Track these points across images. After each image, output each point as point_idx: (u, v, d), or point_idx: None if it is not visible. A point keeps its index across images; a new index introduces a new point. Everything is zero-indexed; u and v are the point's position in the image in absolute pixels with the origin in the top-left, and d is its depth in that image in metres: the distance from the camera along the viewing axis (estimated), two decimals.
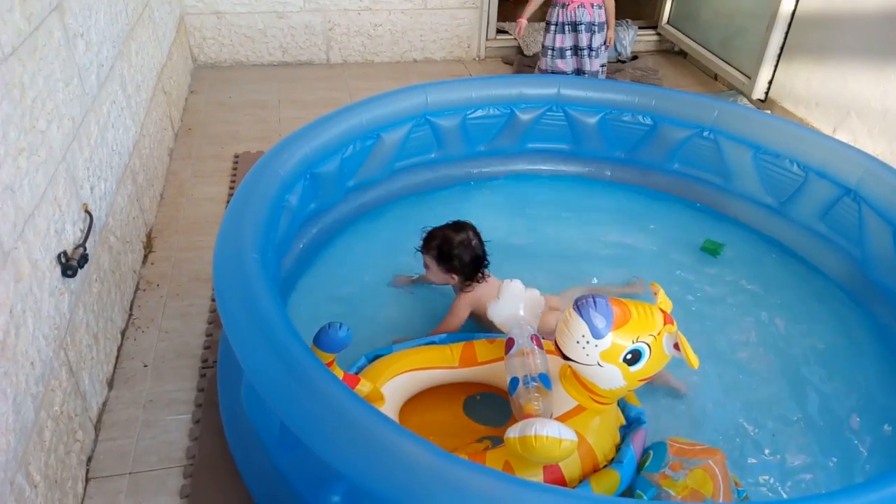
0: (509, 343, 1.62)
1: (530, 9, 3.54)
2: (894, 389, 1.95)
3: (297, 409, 1.30)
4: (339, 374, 1.50)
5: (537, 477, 1.43)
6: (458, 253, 1.89)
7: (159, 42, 3.10)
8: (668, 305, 1.49)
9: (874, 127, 3.15)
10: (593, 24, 3.44)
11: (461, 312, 1.95)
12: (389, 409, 1.60)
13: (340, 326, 1.43)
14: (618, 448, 1.53)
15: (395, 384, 1.63)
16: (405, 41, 4.36)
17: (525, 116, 2.75)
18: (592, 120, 2.75)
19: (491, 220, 2.64)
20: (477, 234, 1.95)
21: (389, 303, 2.17)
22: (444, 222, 1.98)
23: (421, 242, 1.96)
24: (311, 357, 1.36)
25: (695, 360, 1.38)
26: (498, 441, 1.54)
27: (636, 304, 1.44)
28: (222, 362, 1.80)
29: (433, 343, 1.77)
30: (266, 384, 1.36)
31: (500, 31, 4.61)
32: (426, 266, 1.98)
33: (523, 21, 3.52)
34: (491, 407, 1.77)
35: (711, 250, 2.47)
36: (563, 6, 3.46)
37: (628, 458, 1.48)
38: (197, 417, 1.82)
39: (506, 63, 4.53)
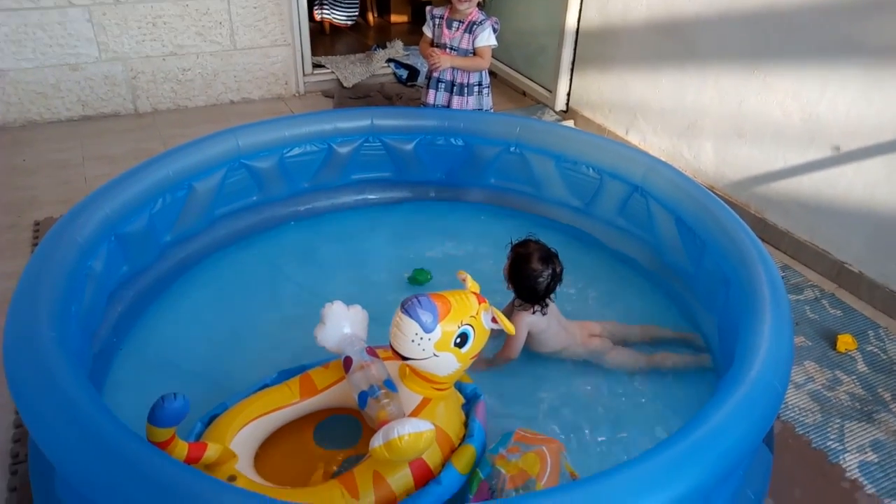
0: (347, 362, 1.67)
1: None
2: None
3: (123, 497, 1.22)
4: (184, 447, 1.43)
5: (407, 475, 1.49)
6: (523, 274, 1.96)
7: None
8: (476, 287, 1.68)
9: (657, 126, 3.56)
10: (463, 85, 3.00)
11: (522, 332, 1.99)
12: (244, 463, 1.56)
13: (175, 397, 1.35)
14: (465, 424, 1.66)
15: (241, 437, 1.59)
16: (219, 83, 4.25)
17: (343, 150, 2.79)
18: (408, 146, 2.85)
19: (326, 251, 2.70)
20: (555, 278, 1.97)
21: (222, 359, 2.09)
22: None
23: (519, 239, 2.05)
24: (124, 433, 1.28)
25: (511, 327, 1.64)
26: (351, 461, 1.60)
27: (451, 293, 1.59)
28: (33, 455, 1.64)
29: (266, 386, 1.75)
30: (81, 476, 1.26)
31: (317, 66, 4.64)
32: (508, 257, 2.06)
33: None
34: (341, 429, 1.79)
35: (419, 280, 2.47)
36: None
37: (477, 430, 1.62)
38: None
39: (327, 97, 4.56)
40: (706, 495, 1.34)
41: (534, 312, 1.99)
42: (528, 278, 1.95)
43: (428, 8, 3.08)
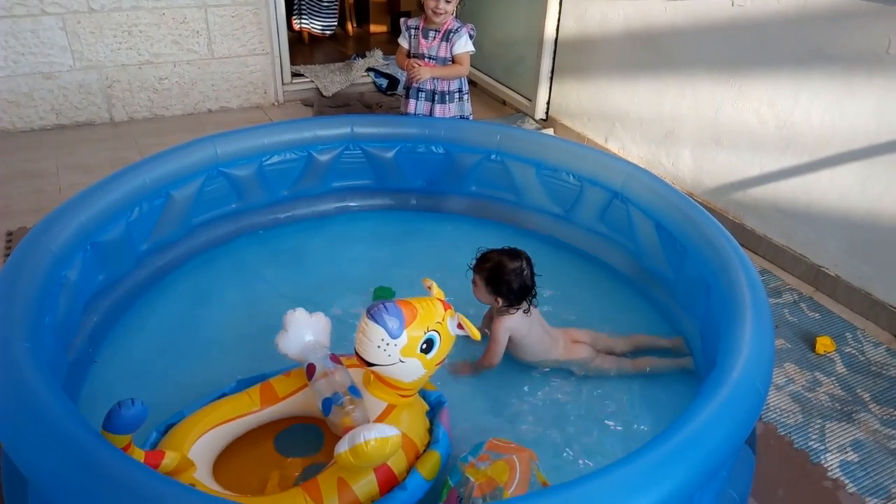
0: (310, 369, 1.65)
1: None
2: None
3: None
4: (140, 455, 1.40)
5: (372, 482, 1.47)
6: (508, 279, 1.94)
7: None
8: (442, 295, 1.69)
9: (635, 134, 3.59)
10: (444, 93, 3.01)
11: (503, 338, 1.99)
12: (203, 472, 1.53)
13: (133, 402, 1.34)
14: (429, 431, 1.65)
15: (199, 447, 1.56)
16: (196, 92, 4.21)
17: (323, 157, 2.78)
18: (389, 154, 2.85)
19: (304, 260, 2.67)
20: (530, 265, 1.99)
21: (199, 366, 2.05)
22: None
23: (474, 261, 2.03)
24: (107, 448, 1.24)
25: (476, 333, 1.62)
26: (313, 470, 1.57)
27: (418, 300, 1.60)
28: (7, 468, 1.60)
29: (225, 395, 1.72)
30: (56, 488, 1.22)
31: (296, 75, 4.62)
32: (474, 283, 2.03)
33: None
34: (303, 438, 1.76)
35: (385, 295, 2.41)
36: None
37: (442, 435, 1.61)
38: None
39: (306, 105, 4.55)
40: (690, 497, 1.34)
41: (525, 311, 1.99)
42: (514, 279, 1.96)
43: (403, 19, 3.09)
